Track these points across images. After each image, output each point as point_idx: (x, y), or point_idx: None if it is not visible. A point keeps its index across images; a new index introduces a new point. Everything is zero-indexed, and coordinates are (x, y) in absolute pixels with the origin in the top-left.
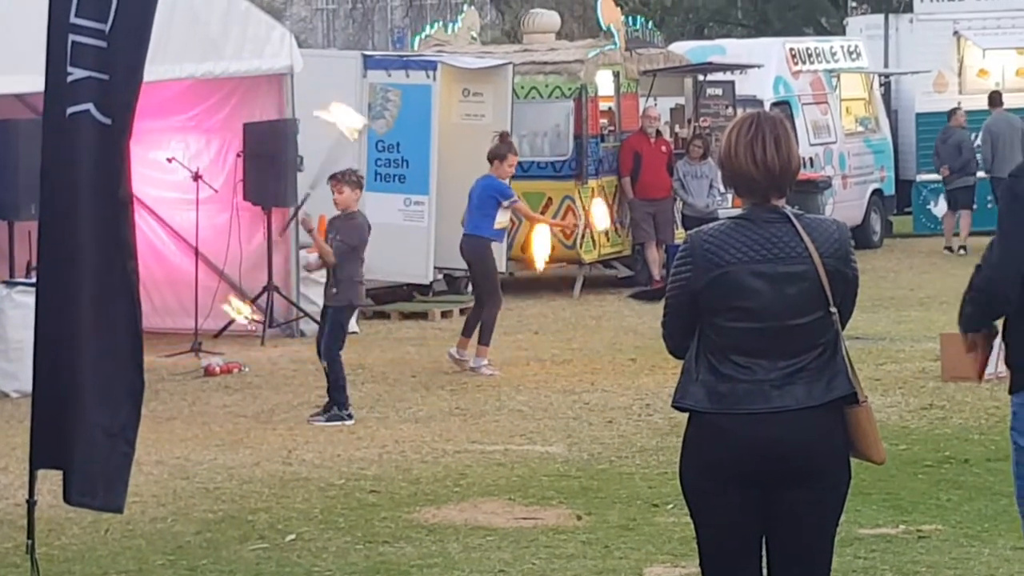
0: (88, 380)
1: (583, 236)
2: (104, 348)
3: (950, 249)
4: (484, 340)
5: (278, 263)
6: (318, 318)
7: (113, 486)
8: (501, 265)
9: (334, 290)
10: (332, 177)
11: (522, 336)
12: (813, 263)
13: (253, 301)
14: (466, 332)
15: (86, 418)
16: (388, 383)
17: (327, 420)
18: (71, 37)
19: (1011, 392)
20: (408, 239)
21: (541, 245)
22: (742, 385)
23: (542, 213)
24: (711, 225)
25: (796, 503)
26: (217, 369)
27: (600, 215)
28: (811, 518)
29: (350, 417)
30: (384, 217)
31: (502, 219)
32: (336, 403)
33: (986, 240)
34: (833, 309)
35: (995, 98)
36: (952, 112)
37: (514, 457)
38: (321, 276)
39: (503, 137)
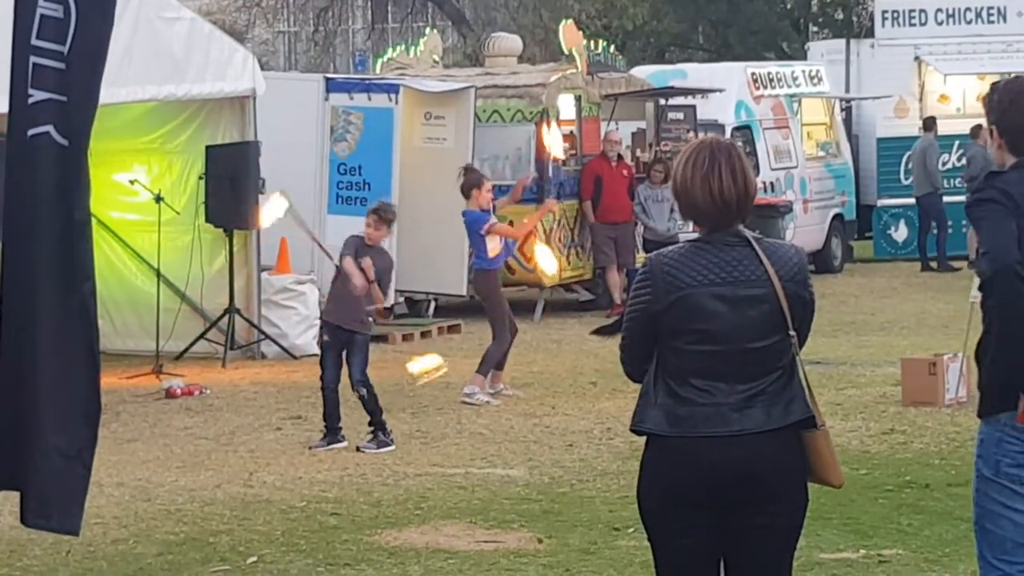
0: (45, 402)
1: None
2: (61, 370)
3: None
4: (480, 369)
5: (239, 285)
6: (280, 342)
7: (69, 508)
8: (461, 289)
9: (370, 318)
10: (374, 211)
11: None
12: (773, 287)
13: (214, 323)
14: (497, 367)
15: (43, 440)
16: (349, 406)
17: (378, 447)
18: (32, 59)
19: (980, 416)
20: None
21: (545, 260)
22: (701, 408)
23: None
24: (671, 248)
25: (754, 527)
26: (178, 391)
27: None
28: (769, 542)
29: (392, 442)
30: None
31: (493, 245)
32: (382, 428)
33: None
34: (792, 332)
35: (926, 123)
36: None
37: (475, 480)
38: (288, 299)
39: (468, 168)
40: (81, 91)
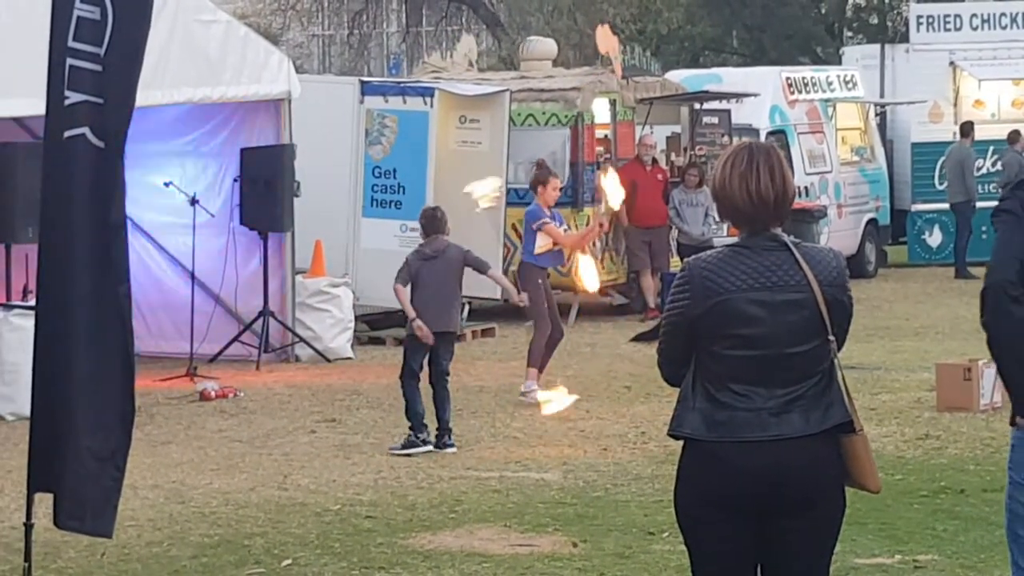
0: (80, 404)
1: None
2: (95, 372)
3: None
4: (530, 362)
5: (274, 288)
6: (315, 344)
7: (102, 511)
8: (495, 292)
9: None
10: None
11: (516, 363)
12: (812, 291)
13: (249, 326)
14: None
15: (77, 442)
16: (383, 409)
17: (401, 448)
18: (69, 61)
19: (1012, 423)
20: None
21: (586, 270)
22: (740, 413)
23: None
24: (709, 253)
25: (791, 532)
26: (213, 394)
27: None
28: (806, 547)
29: (425, 443)
30: (380, 243)
31: (541, 243)
32: (412, 429)
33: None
34: (831, 337)
35: (963, 128)
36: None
37: (509, 484)
38: (322, 302)
39: (540, 164)
40: (117, 93)
